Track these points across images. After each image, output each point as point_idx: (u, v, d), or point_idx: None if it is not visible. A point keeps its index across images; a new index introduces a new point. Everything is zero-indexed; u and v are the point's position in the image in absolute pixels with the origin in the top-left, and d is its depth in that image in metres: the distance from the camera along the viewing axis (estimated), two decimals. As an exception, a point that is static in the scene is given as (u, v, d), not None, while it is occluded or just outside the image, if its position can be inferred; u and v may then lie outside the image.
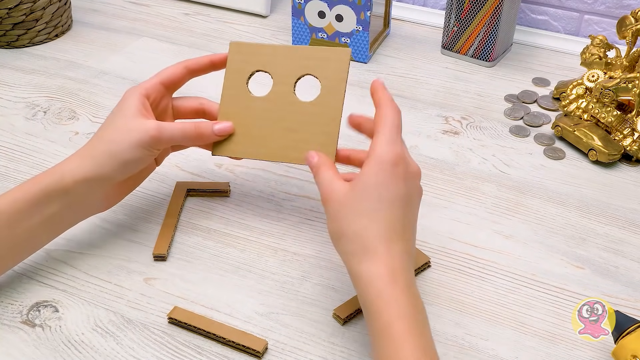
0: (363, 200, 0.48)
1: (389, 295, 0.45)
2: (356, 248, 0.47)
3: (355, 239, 0.47)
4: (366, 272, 0.46)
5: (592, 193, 0.67)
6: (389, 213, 0.48)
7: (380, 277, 0.45)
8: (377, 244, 0.47)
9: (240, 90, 0.60)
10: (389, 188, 0.48)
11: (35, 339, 0.51)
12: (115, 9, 1.04)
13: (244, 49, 0.61)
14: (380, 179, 0.48)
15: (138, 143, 0.55)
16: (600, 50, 0.78)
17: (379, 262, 0.46)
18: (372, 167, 0.48)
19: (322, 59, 0.57)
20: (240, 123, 0.59)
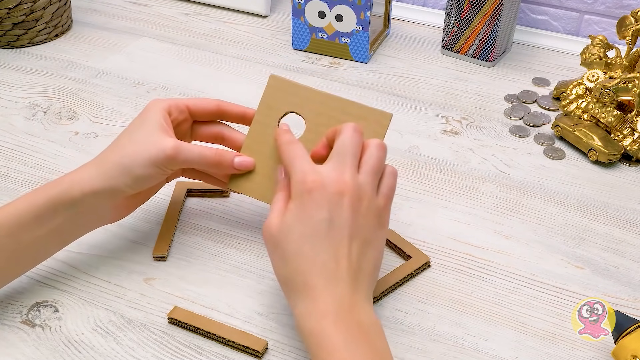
0: (284, 240, 0.47)
1: (318, 333, 0.44)
2: (289, 292, 0.47)
3: (286, 283, 0.48)
4: (298, 315, 0.46)
5: (592, 193, 0.67)
6: (313, 248, 0.46)
7: (308, 315, 0.45)
8: (304, 283, 0.46)
9: (269, 128, 0.57)
10: (331, 225, 0.46)
11: (35, 339, 0.51)
12: (115, 9, 1.04)
13: (283, 85, 0.57)
14: (300, 209, 0.47)
15: (152, 160, 0.52)
16: (600, 50, 0.78)
17: (309, 299, 0.45)
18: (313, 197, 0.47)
19: (360, 117, 0.55)
20: (263, 162, 0.56)
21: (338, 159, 0.48)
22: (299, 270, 0.46)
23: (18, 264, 0.53)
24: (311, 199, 0.46)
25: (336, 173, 0.47)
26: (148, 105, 0.55)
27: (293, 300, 0.46)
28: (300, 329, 0.45)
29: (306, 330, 0.44)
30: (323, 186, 0.47)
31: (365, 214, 0.48)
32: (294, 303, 0.46)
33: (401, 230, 0.61)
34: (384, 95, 0.83)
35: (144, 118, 0.54)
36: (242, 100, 0.81)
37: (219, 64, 0.89)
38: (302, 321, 0.45)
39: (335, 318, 0.43)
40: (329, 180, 0.47)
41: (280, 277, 0.48)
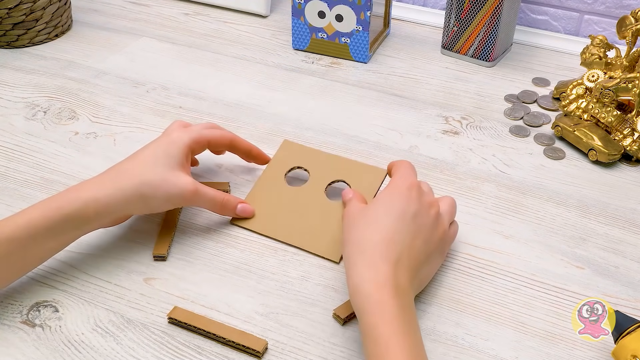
0: (371, 212, 0.52)
1: (376, 298, 0.46)
2: (354, 252, 0.49)
3: (356, 243, 0.50)
4: (358, 275, 0.48)
5: (592, 193, 0.67)
6: (393, 225, 0.50)
7: (370, 280, 0.47)
8: (373, 250, 0.49)
9: (277, 179, 0.65)
10: (397, 203, 0.52)
11: (35, 339, 0.51)
12: (115, 9, 1.04)
13: (293, 148, 0.67)
14: (390, 195, 0.52)
15: (170, 198, 0.57)
16: (600, 50, 0.77)
17: (372, 266, 0.48)
18: (386, 189, 0.53)
19: (359, 172, 0.64)
20: (267, 204, 0.63)
21: (407, 170, 0.56)
22: (372, 238, 0.50)
23: (23, 271, 0.54)
24: (395, 193, 0.53)
25: (407, 177, 0.54)
26: (173, 137, 0.59)
27: (353, 259, 0.49)
28: (356, 288, 0.47)
29: (364, 291, 0.46)
30: (402, 185, 0.53)
31: (435, 226, 0.53)
32: (353, 262, 0.49)
33: (401, 230, 0.61)
34: (384, 95, 0.83)
35: (169, 152, 0.58)
36: (242, 99, 0.81)
37: (219, 64, 0.89)
38: (361, 283, 0.47)
39: (394, 292, 0.46)
40: (402, 180, 0.54)
41: (350, 239, 0.51)
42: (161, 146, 0.58)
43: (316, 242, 0.60)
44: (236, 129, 0.76)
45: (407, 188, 0.53)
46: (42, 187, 0.67)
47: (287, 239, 0.60)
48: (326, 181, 0.64)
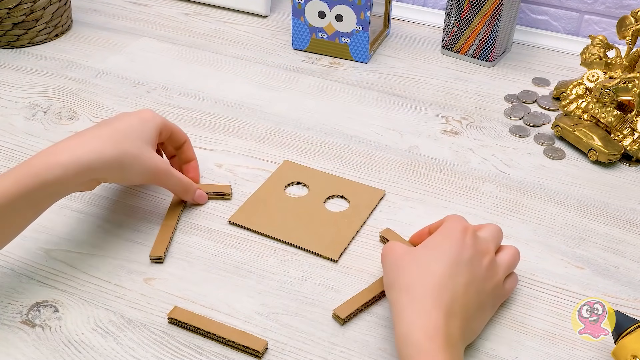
0: (421, 254, 0.49)
1: (426, 349, 0.43)
2: (403, 297, 0.47)
3: (404, 288, 0.47)
4: (407, 322, 0.45)
5: (592, 193, 0.67)
6: (445, 270, 0.47)
7: (420, 329, 0.44)
8: (424, 296, 0.46)
9: (276, 189, 0.66)
10: (450, 248, 0.49)
11: (35, 339, 0.51)
12: (115, 9, 1.04)
13: (293, 167, 0.69)
14: (443, 239, 0.49)
15: (146, 173, 0.58)
16: (600, 50, 0.77)
17: (423, 314, 0.45)
18: (439, 232, 0.50)
19: (357, 191, 0.66)
20: (266, 206, 0.64)
21: (460, 218, 0.52)
22: (423, 283, 0.47)
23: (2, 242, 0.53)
24: (448, 237, 0.50)
25: (462, 221, 0.51)
26: (147, 116, 0.60)
27: (401, 305, 0.46)
28: (405, 337, 0.45)
29: (413, 341, 0.44)
30: (455, 228, 0.50)
31: (488, 277, 0.50)
32: (401, 307, 0.46)
33: (401, 230, 0.61)
34: (384, 95, 0.83)
35: (144, 128, 0.59)
36: (242, 99, 0.81)
37: (219, 64, 0.89)
38: (410, 332, 0.44)
39: (445, 343, 0.44)
40: (456, 223, 0.51)
41: (397, 282, 0.48)
42: (137, 121, 0.59)
43: (316, 241, 0.60)
44: (236, 129, 0.76)
45: (461, 232, 0.49)
46: (42, 187, 0.67)
47: (286, 237, 0.60)
48: (325, 195, 0.65)
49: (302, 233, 0.61)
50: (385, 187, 0.67)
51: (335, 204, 0.65)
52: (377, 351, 0.51)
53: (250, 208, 0.64)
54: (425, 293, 0.46)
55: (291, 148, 0.73)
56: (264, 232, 0.61)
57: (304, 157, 0.71)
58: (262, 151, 0.72)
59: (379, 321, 0.53)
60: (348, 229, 0.61)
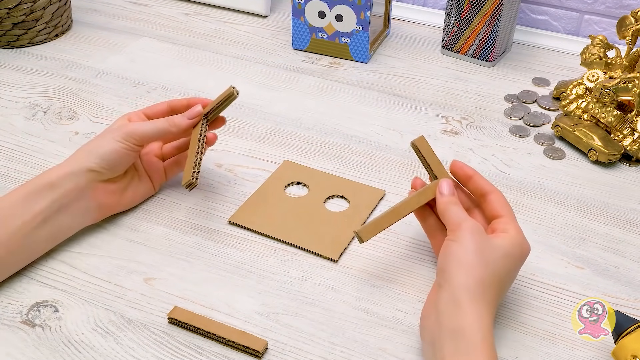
0: (496, 258, 0.49)
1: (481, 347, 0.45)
2: (475, 287, 0.47)
3: (477, 280, 0.48)
4: (476, 312, 0.46)
5: (592, 193, 0.67)
6: (505, 287, 0.51)
7: (486, 323, 0.46)
8: (488, 295, 0.48)
9: (276, 189, 0.66)
10: (510, 273, 0.50)
11: (35, 339, 0.51)
12: (115, 9, 1.05)
13: (293, 167, 0.69)
14: (512, 264, 0.50)
15: (114, 137, 0.59)
16: (600, 50, 0.77)
17: (487, 309, 0.47)
18: (512, 248, 0.50)
19: (357, 191, 0.66)
20: (266, 207, 0.64)
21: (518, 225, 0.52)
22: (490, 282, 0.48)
23: (10, 253, 0.55)
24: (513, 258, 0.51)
25: (526, 241, 0.52)
26: None
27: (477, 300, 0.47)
28: (459, 330, 0.46)
29: (481, 333, 0.45)
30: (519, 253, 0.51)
31: None
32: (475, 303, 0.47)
33: (401, 230, 0.61)
34: (384, 95, 0.83)
35: (110, 125, 0.63)
36: (242, 99, 0.81)
37: (219, 64, 0.89)
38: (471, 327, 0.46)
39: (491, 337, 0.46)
40: (524, 248, 0.52)
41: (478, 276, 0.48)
42: None
43: (316, 241, 0.60)
44: (236, 129, 0.76)
45: (523, 257, 0.51)
46: (42, 187, 0.67)
47: (286, 237, 0.60)
48: (325, 195, 0.65)
49: (302, 233, 0.61)
50: (385, 187, 0.67)
51: (335, 204, 0.65)
52: (377, 351, 0.51)
53: (250, 208, 0.64)
54: (490, 295, 0.48)
55: (291, 148, 0.73)
56: (264, 232, 0.61)
57: (304, 157, 0.71)
58: (262, 151, 0.72)
59: (379, 321, 0.53)
60: (348, 229, 0.61)
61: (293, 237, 0.60)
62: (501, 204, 0.53)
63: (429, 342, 0.48)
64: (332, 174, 0.68)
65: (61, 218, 0.57)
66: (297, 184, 0.67)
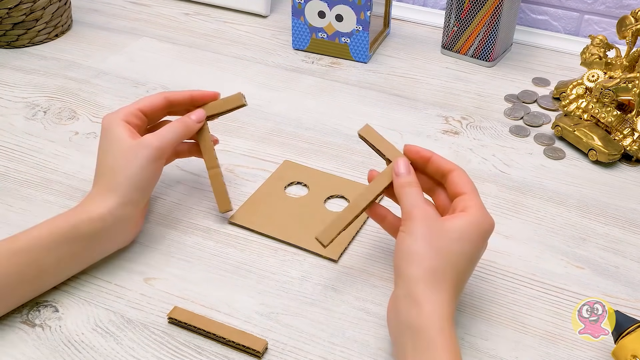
0: (450, 243, 0.48)
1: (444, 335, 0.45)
2: (427, 277, 0.46)
3: (429, 269, 0.47)
4: (431, 303, 0.45)
5: (592, 193, 0.67)
6: (467, 267, 0.49)
7: (443, 314, 0.45)
8: (444, 283, 0.46)
9: (276, 190, 0.66)
10: (476, 247, 0.49)
11: (35, 339, 0.51)
12: (115, 9, 1.05)
13: (293, 167, 0.69)
14: (473, 245, 0.49)
15: (148, 159, 0.56)
16: (600, 50, 0.77)
17: (445, 298, 0.46)
18: (470, 228, 0.49)
19: (358, 190, 0.62)
20: (266, 207, 0.64)
21: (480, 200, 0.51)
22: (445, 270, 0.47)
23: (40, 287, 0.54)
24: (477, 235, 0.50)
25: (488, 217, 0.51)
26: (105, 124, 0.58)
27: (432, 291, 0.46)
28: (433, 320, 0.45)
29: (437, 325, 0.45)
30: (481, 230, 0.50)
31: None
32: (430, 294, 0.46)
33: (401, 230, 0.61)
34: (384, 95, 0.83)
35: (110, 137, 0.57)
36: (242, 100, 0.81)
37: (219, 64, 0.89)
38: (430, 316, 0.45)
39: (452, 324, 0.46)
40: (485, 225, 0.50)
41: (428, 266, 0.47)
42: (103, 139, 0.58)
43: (316, 241, 0.60)
44: (236, 129, 0.76)
45: (485, 234, 0.50)
46: (42, 187, 0.67)
47: (286, 237, 0.60)
48: (325, 195, 0.65)
49: (302, 233, 0.61)
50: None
51: (335, 204, 0.65)
52: (377, 351, 0.51)
53: (250, 208, 0.64)
54: (447, 283, 0.46)
55: (291, 148, 0.73)
56: (264, 232, 0.61)
57: (304, 157, 0.71)
58: (262, 151, 0.72)
59: (379, 321, 0.53)
60: (348, 229, 0.61)
61: (293, 237, 0.60)
62: (463, 181, 0.51)
63: (393, 342, 0.48)
64: (332, 174, 0.68)
65: (96, 251, 0.56)
66: (297, 184, 0.67)
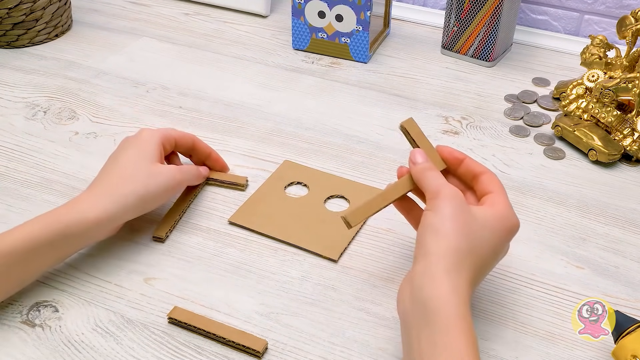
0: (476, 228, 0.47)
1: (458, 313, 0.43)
2: (451, 256, 0.45)
3: (454, 248, 0.45)
4: (451, 283, 0.44)
5: (592, 193, 0.67)
6: (491, 262, 0.49)
7: (461, 296, 0.44)
8: (465, 267, 0.45)
9: (276, 190, 0.66)
10: (501, 243, 0.49)
11: (35, 339, 0.51)
12: (115, 9, 1.04)
13: (293, 167, 0.69)
14: (496, 237, 0.48)
15: (167, 187, 0.59)
16: (600, 50, 0.77)
17: (464, 282, 0.45)
18: (495, 220, 0.48)
19: (358, 190, 0.66)
20: (266, 207, 0.64)
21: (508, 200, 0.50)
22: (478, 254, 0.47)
23: (22, 284, 0.54)
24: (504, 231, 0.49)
25: (514, 216, 0.50)
26: (143, 135, 0.61)
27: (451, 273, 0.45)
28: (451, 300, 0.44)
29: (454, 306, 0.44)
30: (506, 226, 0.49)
31: None
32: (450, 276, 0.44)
33: (401, 230, 0.61)
34: (384, 95, 0.83)
35: (143, 149, 0.60)
36: (242, 99, 0.81)
37: (219, 64, 0.89)
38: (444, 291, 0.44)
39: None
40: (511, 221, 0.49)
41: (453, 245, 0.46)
42: (135, 148, 0.60)
43: (316, 241, 0.60)
44: (236, 129, 0.76)
45: (510, 232, 0.49)
46: (42, 187, 0.67)
47: (286, 237, 0.60)
48: (325, 195, 0.65)
49: (302, 233, 0.61)
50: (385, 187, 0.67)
51: (335, 204, 0.65)
52: (377, 351, 0.51)
53: (250, 208, 0.64)
54: (468, 268, 0.45)
55: (291, 148, 0.73)
56: (264, 232, 0.61)
57: (304, 157, 0.71)
58: (262, 151, 0.72)
59: (379, 321, 0.53)
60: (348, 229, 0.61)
61: (293, 237, 0.60)
62: (493, 183, 0.51)
63: (403, 320, 0.46)
64: (332, 174, 0.68)
65: (80, 247, 0.57)
66: (297, 184, 0.67)
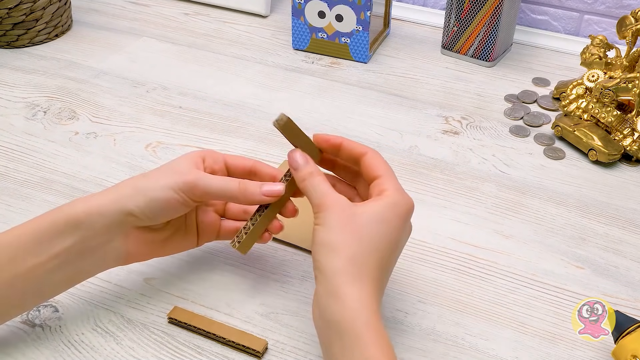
0: (367, 228, 0.45)
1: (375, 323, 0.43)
2: (347, 268, 0.44)
3: (349, 259, 0.44)
4: (354, 295, 0.43)
5: (592, 193, 0.67)
6: (388, 256, 0.46)
7: (368, 306, 0.43)
8: (365, 273, 0.44)
9: None
10: (390, 238, 0.46)
11: (35, 339, 0.51)
12: (115, 9, 1.04)
13: None
14: (392, 228, 0.46)
15: (170, 184, 0.49)
16: (600, 50, 0.77)
17: (369, 289, 0.44)
18: (387, 211, 0.46)
19: None
20: None
21: (396, 180, 0.49)
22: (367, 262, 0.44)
23: (19, 294, 0.47)
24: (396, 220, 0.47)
25: (406, 197, 0.48)
26: (183, 154, 0.53)
27: (353, 283, 0.43)
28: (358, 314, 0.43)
29: (363, 319, 0.42)
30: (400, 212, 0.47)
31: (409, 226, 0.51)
32: (352, 287, 0.43)
33: (401, 230, 0.61)
34: (384, 95, 0.83)
35: (175, 160, 0.52)
36: (242, 99, 0.81)
37: (219, 64, 0.89)
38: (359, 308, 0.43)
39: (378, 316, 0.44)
40: (403, 205, 0.47)
41: (347, 255, 0.44)
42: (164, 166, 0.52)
43: None
44: (236, 129, 0.76)
45: (406, 216, 0.47)
46: (42, 187, 0.67)
47: (286, 237, 0.60)
48: None
49: (302, 233, 0.61)
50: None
51: None
52: (377, 351, 0.51)
53: None
54: (369, 272, 0.44)
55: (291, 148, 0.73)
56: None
57: (304, 157, 0.71)
58: (262, 151, 0.72)
59: (379, 321, 0.53)
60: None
61: (293, 237, 0.60)
62: (377, 163, 0.48)
63: (319, 337, 0.45)
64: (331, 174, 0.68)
65: (83, 262, 0.49)
66: None
